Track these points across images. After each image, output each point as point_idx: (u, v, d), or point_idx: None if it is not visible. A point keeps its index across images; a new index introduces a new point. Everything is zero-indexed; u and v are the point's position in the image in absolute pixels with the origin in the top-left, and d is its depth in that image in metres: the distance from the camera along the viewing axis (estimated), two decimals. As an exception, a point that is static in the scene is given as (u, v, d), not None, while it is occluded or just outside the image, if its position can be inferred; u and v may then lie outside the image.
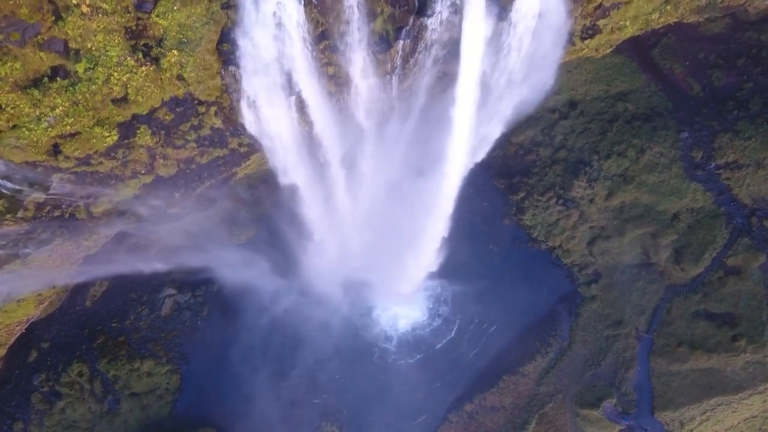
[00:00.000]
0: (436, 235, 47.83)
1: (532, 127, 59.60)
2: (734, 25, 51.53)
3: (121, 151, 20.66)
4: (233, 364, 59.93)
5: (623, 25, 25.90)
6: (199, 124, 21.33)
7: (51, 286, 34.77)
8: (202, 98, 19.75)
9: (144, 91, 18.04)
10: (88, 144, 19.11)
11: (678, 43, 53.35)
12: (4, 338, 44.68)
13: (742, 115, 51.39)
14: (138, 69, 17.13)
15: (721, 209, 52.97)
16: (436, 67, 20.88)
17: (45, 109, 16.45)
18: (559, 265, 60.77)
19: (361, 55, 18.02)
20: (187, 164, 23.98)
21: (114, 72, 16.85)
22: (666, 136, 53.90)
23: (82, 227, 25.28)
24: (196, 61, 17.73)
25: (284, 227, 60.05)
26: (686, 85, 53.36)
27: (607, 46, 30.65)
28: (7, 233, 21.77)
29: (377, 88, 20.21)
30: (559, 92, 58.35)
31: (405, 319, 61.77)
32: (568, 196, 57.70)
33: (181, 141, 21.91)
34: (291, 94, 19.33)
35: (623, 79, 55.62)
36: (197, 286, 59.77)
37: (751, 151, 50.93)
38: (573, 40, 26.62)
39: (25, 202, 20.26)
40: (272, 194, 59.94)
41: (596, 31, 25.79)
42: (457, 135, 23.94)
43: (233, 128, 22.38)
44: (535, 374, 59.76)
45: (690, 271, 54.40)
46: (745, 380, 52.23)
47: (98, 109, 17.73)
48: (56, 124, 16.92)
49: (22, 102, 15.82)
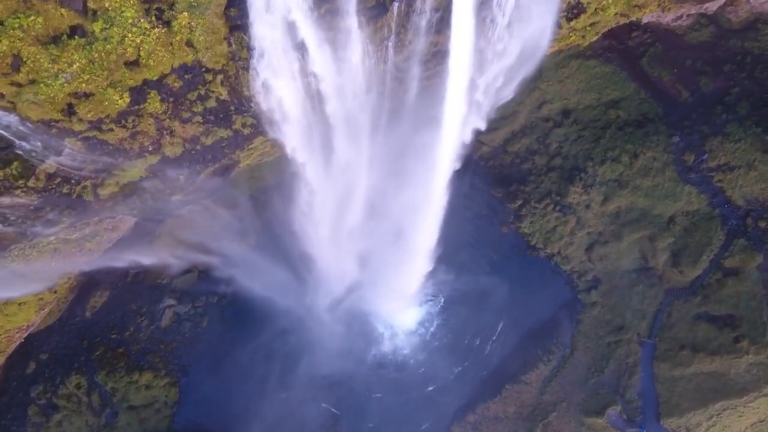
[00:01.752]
0: (428, 232, 48.32)
1: (527, 136, 60.94)
2: (718, 34, 53.53)
3: (131, 118, 21.49)
4: (233, 376, 59.41)
5: (606, 5, 27.15)
6: (206, 93, 22.21)
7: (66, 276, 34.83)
8: (209, 65, 20.76)
9: (155, 55, 19.03)
10: (101, 106, 19.96)
11: (665, 52, 55.25)
12: (3, 345, 44.54)
13: (731, 119, 52.80)
14: (151, 31, 18.15)
15: (716, 211, 53.71)
16: (429, 35, 21.92)
17: (63, 65, 17.38)
18: (558, 272, 60.96)
19: (359, 20, 19.12)
20: (193, 144, 24.78)
21: (128, 33, 17.86)
22: (658, 141, 55.15)
23: (89, 209, 25.82)
24: (205, 25, 18.79)
25: (284, 236, 60.69)
26: (675, 91, 54.99)
27: (592, 32, 31.91)
28: (18, 206, 22.32)
29: (374, 57, 21.23)
30: (552, 101, 60.04)
31: (405, 328, 61.61)
32: (565, 202, 58.49)
33: (188, 113, 22.76)
34: (295, 60, 20.37)
35: (614, 87, 57.29)
36: (197, 296, 59.80)
37: (742, 152, 52.09)
38: (559, 21, 27.89)
39: (37, 171, 20.93)
40: (272, 204, 60.98)
41: (581, 9, 27.04)
42: (450, 106, 24.67)
43: (238, 101, 23.29)
44: (538, 382, 59.20)
45: (688, 274, 54.69)
46: (750, 382, 51.80)
47: (112, 71, 18.68)
48: (72, 81, 17.84)
49: (42, 57, 16.76)
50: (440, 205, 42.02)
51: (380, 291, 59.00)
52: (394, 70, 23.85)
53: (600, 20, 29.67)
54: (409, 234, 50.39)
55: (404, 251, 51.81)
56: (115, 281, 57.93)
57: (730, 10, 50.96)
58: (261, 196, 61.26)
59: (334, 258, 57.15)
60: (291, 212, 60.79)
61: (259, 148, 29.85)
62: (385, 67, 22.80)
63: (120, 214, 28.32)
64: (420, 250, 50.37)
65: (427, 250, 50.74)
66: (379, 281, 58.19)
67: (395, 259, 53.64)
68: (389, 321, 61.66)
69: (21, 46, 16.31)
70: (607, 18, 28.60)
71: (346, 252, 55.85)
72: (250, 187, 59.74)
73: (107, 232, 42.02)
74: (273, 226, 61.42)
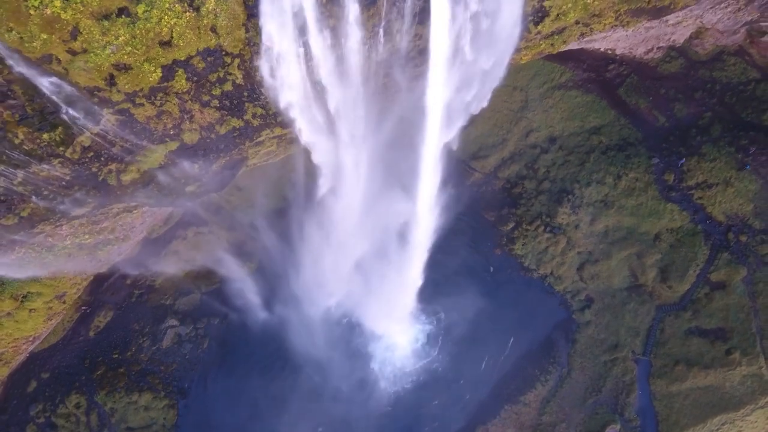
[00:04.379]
0: (417, 251, 50.33)
1: (516, 162, 64.49)
2: (688, 65, 58.33)
3: (160, 95, 24.52)
4: (230, 400, 59.50)
5: (566, 10, 30.83)
6: (224, 76, 25.37)
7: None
8: (228, 49, 24.03)
9: (185, 37, 22.33)
10: (137, 79, 23.05)
11: (640, 82, 59.90)
12: (9, 355, 45.57)
13: (705, 140, 56.50)
14: (183, 14, 21.51)
15: (699, 227, 56.22)
16: (414, 25, 25.23)
17: (110, 38, 20.63)
18: (552, 293, 62.44)
19: (355, 7, 22.54)
20: (208, 132, 27.72)
21: (165, 15, 21.24)
22: (639, 163, 58.59)
23: (111, 194, 28.35)
24: (228, 11, 22.22)
25: (284, 260, 62.88)
26: (652, 117, 59.10)
27: (560, 41, 35.61)
28: (52, 179, 24.88)
29: (367, 43, 24.45)
30: (539, 129, 64.12)
31: (402, 350, 62.26)
32: (555, 223, 61.03)
33: (207, 96, 25.82)
34: (300, 45, 23.63)
35: (595, 115, 61.48)
36: (199, 318, 60.99)
37: (718, 171, 55.34)
38: (528, 26, 31.48)
39: (75, 142, 23.64)
40: (273, 230, 63.67)
41: (544, 13, 30.68)
42: (433, 97, 27.25)
43: (251, 86, 26.44)
44: (537, 403, 59.25)
45: (677, 289, 56.36)
46: (745, 395, 52.26)
47: (149, 47, 21.90)
48: (117, 52, 21.01)
49: (95, 29, 20.02)
50: (430, 212, 44.11)
51: (378, 309, 60.18)
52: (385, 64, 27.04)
53: (565, 27, 33.38)
54: (402, 247, 52.46)
55: (397, 263, 53.67)
56: (120, 302, 59.44)
57: (697, 43, 55.94)
58: (263, 222, 64.01)
59: (333, 274, 58.91)
60: (292, 235, 63.55)
61: (265, 145, 32.82)
62: (376, 57, 26.08)
63: (138, 201, 30.81)
64: (411, 261, 52.23)
65: (417, 263, 52.54)
66: (377, 298, 59.55)
67: (391, 271, 55.35)
68: (385, 343, 62.40)
69: (80, 18, 19.67)
70: (569, 22, 32.26)
71: (344, 265, 57.67)
72: (253, 212, 62.67)
73: (118, 242, 44.41)
74: (274, 250, 63.70)
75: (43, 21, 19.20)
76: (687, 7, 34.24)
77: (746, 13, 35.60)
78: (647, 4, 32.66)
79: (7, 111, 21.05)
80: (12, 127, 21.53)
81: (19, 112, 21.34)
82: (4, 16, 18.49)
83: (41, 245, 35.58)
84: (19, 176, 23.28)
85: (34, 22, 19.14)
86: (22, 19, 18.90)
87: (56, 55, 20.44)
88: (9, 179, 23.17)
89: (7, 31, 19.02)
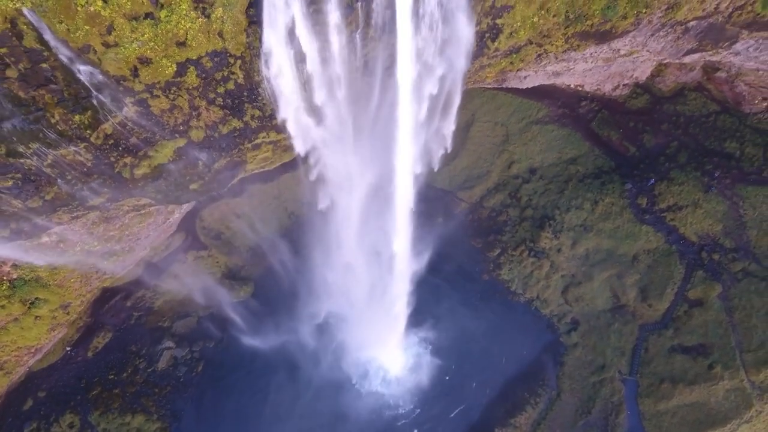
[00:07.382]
0: (400, 277, 52.59)
1: (500, 192, 68.66)
2: (653, 100, 63.95)
3: (173, 89, 28.67)
4: (223, 424, 60.03)
5: (517, 28, 35.39)
6: (228, 75, 29.64)
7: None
8: (232, 51, 28.47)
9: (197, 39, 26.84)
10: (156, 72, 27.28)
11: (611, 116, 65.31)
12: (11, 365, 47.21)
13: (673, 166, 60.94)
14: (196, 20, 26.12)
15: (673, 247, 59.37)
16: (385, 34, 29.55)
17: (137, 35, 25.13)
18: (539, 316, 64.46)
19: (336, 15, 27.05)
20: (212, 131, 31.73)
21: (182, 20, 25.87)
22: (613, 189, 62.72)
23: (124, 188, 31.93)
24: (233, 18, 26.85)
25: (280, 284, 65.50)
26: (623, 148, 63.95)
27: (518, 59, 40.25)
28: (77, 164, 28.52)
29: (347, 47, 28.71)
30: (520, 161, 68.86)
31: (393, 374, 63.32)
32: (538, 248, 64.22)
33: (213, 94, 29.98)
34: (291, 48, 28.01)
35: (571, 147, 66.42)
36: (195, 341, 62.61)
37: (687, 193, 59.31)
38: (486, 42, 35.98)
39: (99, 128, 27.51)
40: (269, 255, 66.81)
41: (498, 30, 35.29)
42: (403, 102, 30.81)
43: (250, 86, 30.69)
44: (528, 426, 59.75)
45: (657, 307, 58.62)
46: (730, 410, 53.18)
47: (167, 46, 26.30)
48: (142, 47, 25.41)
49: (126, 27, 24.56)
50: (407, 227, 46.37)
51: (368, 334, 61.82)
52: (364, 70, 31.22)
53: (520, 45, 38.07)
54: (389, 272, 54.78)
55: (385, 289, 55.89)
56: (119, 323, 61.45)
57: (659, 80, 61.79)
58: (258, 248, 67.27)
59: (325, 298, 61.22)
60: (286, 261, 66.56)
61: (262, 149, 36.75)
62: (356, 62, 30.45)
63: (147, 196, 34.27)
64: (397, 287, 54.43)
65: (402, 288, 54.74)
66: (367, 323, 61.40)
67: (379, 297, 57.51)
68: (377, 366, 63.59)
69: (115, 16, 24.31)
70: (522, 40, 36.93)
71: (336, 290, 60.08)
72: (251, 238, 66.12)
73: (123, 253, 47.52)
74: (268, 276, 66.49)
75: (86, 16, 23.81)
76: (629, 33, 39.34)
77: (685, 41, 40.70)
78: (590, 27, 37.72)
79: (49, 94, 25.18)
80: (51, 108, 25.58)
81: (57, 95, 25.48)
82: (58, 10, 23.11)
83: (53, 250, 38.84)
84: (49, 158, 26.98)
85: (80, 17, 23.76)
86: (71, 13, 23.52)
87: (93, 46, 24.90)
88: (41, 159, 26.85)
89: (58, 23, 23.60)
